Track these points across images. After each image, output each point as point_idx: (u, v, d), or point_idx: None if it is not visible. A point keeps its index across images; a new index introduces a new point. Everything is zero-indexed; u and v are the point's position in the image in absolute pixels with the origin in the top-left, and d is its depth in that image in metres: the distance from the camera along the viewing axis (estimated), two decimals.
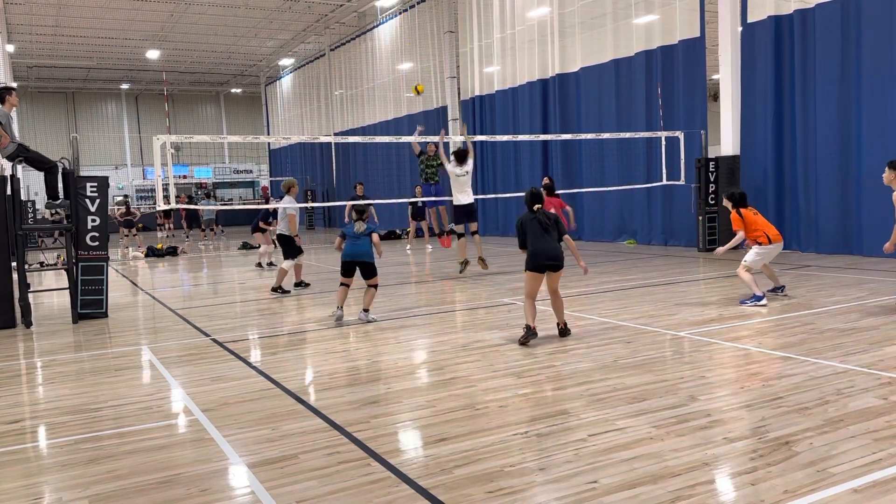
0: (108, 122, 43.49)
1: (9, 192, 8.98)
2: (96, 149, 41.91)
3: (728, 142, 14.90)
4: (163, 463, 4.15)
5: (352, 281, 8.61)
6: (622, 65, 17.23)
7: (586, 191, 16.97)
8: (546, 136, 18.08)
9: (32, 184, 31.27)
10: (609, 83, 17.59)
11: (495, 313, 8.74)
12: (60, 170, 9.56)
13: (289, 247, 11.28)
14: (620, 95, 17.34)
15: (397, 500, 3.53)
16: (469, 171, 12.32)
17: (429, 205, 15.34)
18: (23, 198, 10.61)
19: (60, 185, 9.61)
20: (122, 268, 17.35)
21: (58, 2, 24.53)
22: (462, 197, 12.26)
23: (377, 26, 27.20)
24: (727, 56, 14.61)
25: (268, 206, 17.12)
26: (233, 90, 44.89)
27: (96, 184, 9.59)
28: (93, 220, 9.52)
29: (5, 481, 4.00)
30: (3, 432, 4.88)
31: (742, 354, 6.21)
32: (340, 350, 7.10)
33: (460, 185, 12.25)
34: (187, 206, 19.41)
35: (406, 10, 24.98)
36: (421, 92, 13.96)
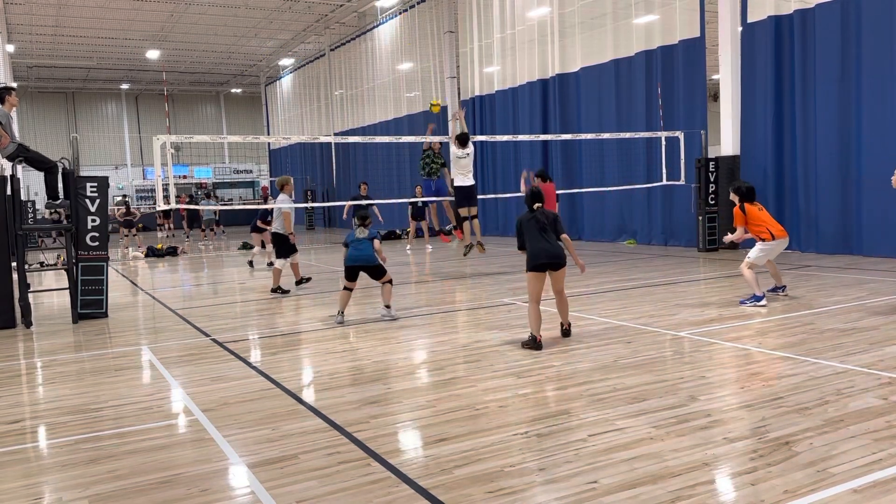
0: (108, 122, 43.50)
1: (9, 192, 8.98)
2: (96, 149, 41.91)
3: (728, 142, 14.91)
4: (163, 463, 4.15)
5: (354, 285, 8.59)
6: (622, 65, 17.23)
7: (586, 191, 16.98)
8: (546, 136, 18.08)
9: (32, 184, 31.27)
10: (609, 83, 17.59)
11: (496, 313, 8.74)
12: (60, 170, 9.56)
13: (282, 246, 11.25)
14: (620, 95, 17.34)
15: (397, 500, 3.53)
16: (470, 153, 12.29)
17: (425, 191, 15.33)
18: (23, 198, 10.61)
19: (60, 185, 9.61)
20: (122, 268, 17.35)
21: (58, 2, 24.53)
22: (463, 179, 12.24)
23: (377, 26, 27.21)
24: (727, 56, 14.61)
25: (266, 206, 17.13)
26: (233, 90, 44.89)
27: (96, 184, 9.59)
28: (93, 220, 9.52)
29: (5, 481, 4.01)
30: (3, 432, 4.88)
31: (742, 354, 6.21)
32: (340, 350, 7.10)
33: (462, 167, 12.23)
34: (187, 206, 19.40)
35: (406, 10, 24.98)
36: (437, 111, 13.75)
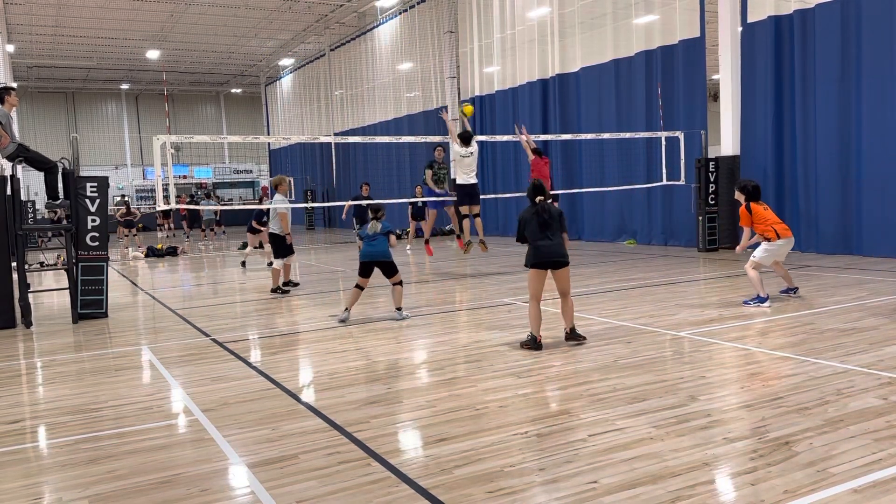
0: (108, 122, 43.51)
1: (9, 192, 8.98)
2: (96, 149, 41.92)
3: (728, 142, 14.90)
4: (163, 463, 4.15)
5: (367, 282, 8.58)
6: (622, 65, 17.23)
7: (586, 191, 16.98)
8: (546, 136, 18.07)
9: (32, 184, 31.28)
10: (609, 83, 17.59)
11: (496, 313, 8.74)
12: (60, 170, 9.56)
13: (280, 246, 11.22)
14: (620, 95, 17.34)
15: (397, 500, 3.53)
16: (474, 152, 12.23)
17: (430, 206, 15.25)
18: (23, 198, 10.61)
19: (60, 185, 9.62)
20: (122, 268, 17.35)
21: (58, 2, 24.53)
22: (465, 177, 12.20)
23: (377, 26, 27.21)
24: (727, 56, 14.61)
25: (261, 206, 17.12)
26: (233, 90, 44.90)
27: (96, 184, 9.59)
28: (93, 221, 9.52)
29: (5, 481, 4.01)
30: (3, 432, 4.88)
31: (742, 354, 6.21)
32: (340, 350, 7.10)
33: (464, 166, 12.18)
34: (187, 205, 19.39)
35: (406, 11, 24.98)
36: (470, 113, 13.31)
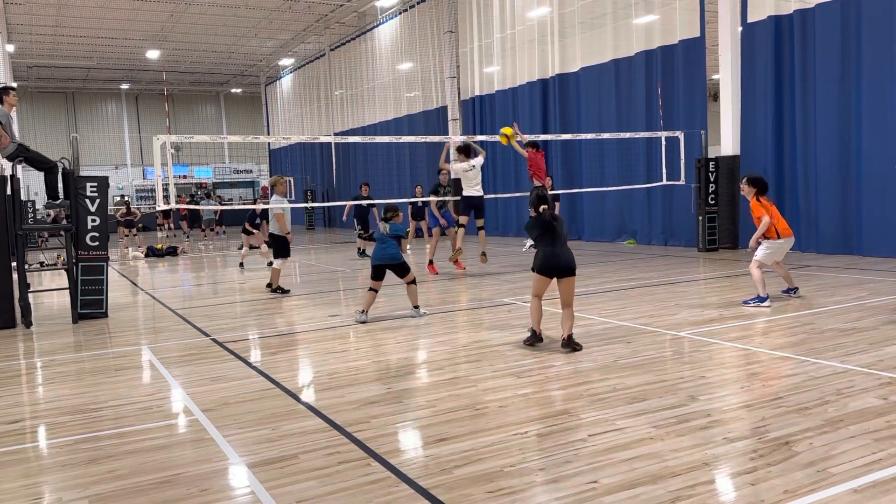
0: (108, 122, 43.51)
1: (9, 192, 8.99)
2: (96, 149, 41.93)
3: (728, 142, 14.91)
4: (163, 463, 4.15)
5: (380, 285, 8.61)
6: (622, 65, 17.23)
7: (586, 191, 16.98)
8: (546, 136, 18.05)
9: (32, 184, 31.29)
10: (609, 83, 17.59)
11: (496, 313, 8.74)
12: (60, 170, 9.56)
13: (280, 246, 11.20)
14: (620, 95, 17.34)
15: (397, 500, 3.53)
16: (476, 165, 12.22)
17: (432, 223, 15.19)
18: (23, 198, 10.61)
19: (60, 185, 9.62)
20: (122, 268, 17.35)
21: (58, 2, 24.54)
22: (471, 189, 12.18)
23: (377, 26, 27.21)
24: (727, 56, 14.61)
25: (254, 207, 17.13)
26: (233, 90, 44.91)
27: (96, 184, 9.58)
28: (93, 220, 9.52)
29: (5, 481, 4.00)
30: (3, 432, 4.88)
31: (742, 354, 6.21)
32: (340, 350, 7.10)
33: (469, 180, 12.17)
34: (187, 205, 19.39)
35: (406, 10, 24.98)
36: (511, 138, 12.38)
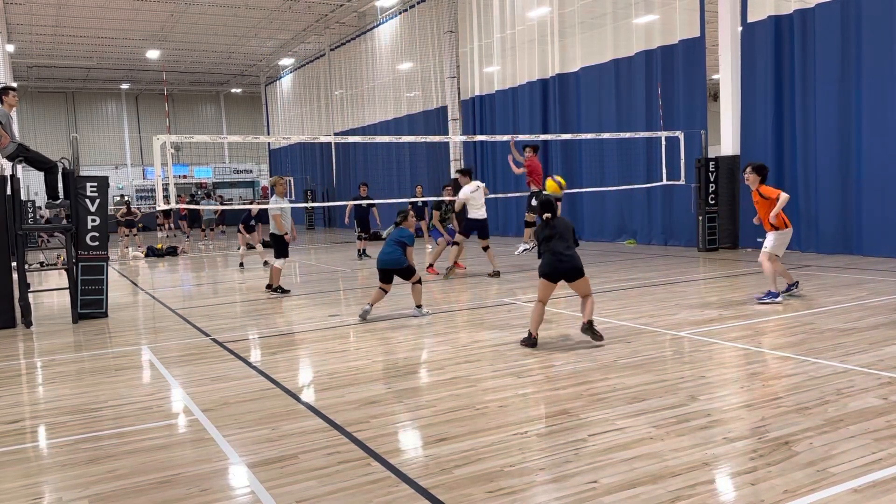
0: (108, 122, 43.52)
1: (9, 192, 8.98)
2: (96, 149, 41.93)
3: (728, 142, 14.91)
4: (163, 463, 4.15)
5: (389, 286, 8.73)
6: (622, 65, 17.23)
7: (586, 191, 16.97)
8: (546, 136, 18.08)
9: (32, 184, 31.30)
10: (609, 83, 17.59)
11: (496, 313, 8.74)
12: (60, 170, 9.56)
13: (280, 246, 11.22)
14: (620, 95, 17.34)
15: (397, 500, 3.53)
16: (480, 185, 12.36)
17: (434, 235, 15.15)
18: (23, 198, 10.61)
19: (60, 185, 9.62)
20: (122, 268, 17.35)
21: (58, 2, 24.54)
22: (476, 212, 12.26)
23: (377, 26, 27.21)
24: (727, 56, 14.61)
25: (249, 208, 17.14)
26: (233, 90, 44.92)
27: (96, 184, 9.58)
28: (93, 220, 9.52)
29: (5, 481, 4.01)
30: (3, 432, 4.88)
31: (742, 354, 6.21)
32: (340, 350, 7.10)
33: (474, 201, 12.26)
34: (187, 205, 19.39)
35: (406, 10, 24.98)
36: (563, 186, 11.27)
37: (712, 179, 14.75)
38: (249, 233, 16.57)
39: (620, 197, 17.19)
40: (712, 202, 14.71)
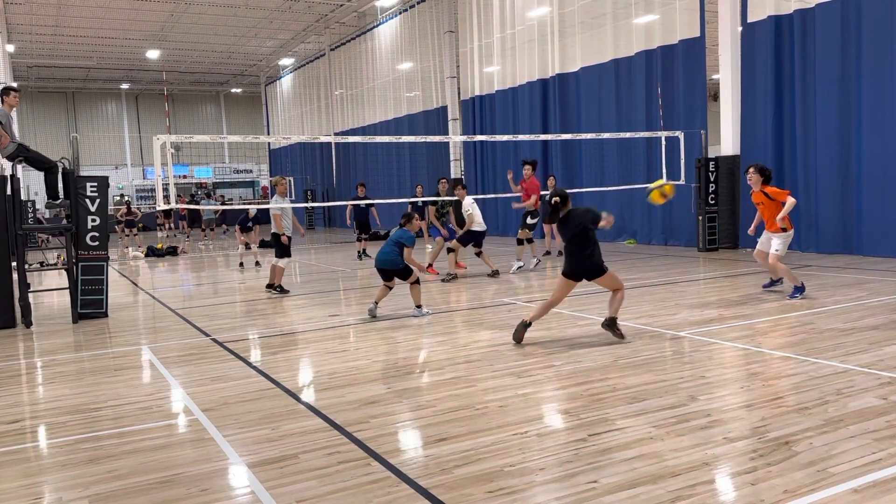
0: (108, 122, 43.52)
1: (9, 192, 8.98)
2: (96, 149, 41.93)
3: (728, 142, 14.91)
4: (163, 463, 4.15)
5: (392, 284, 8.87)
6: (622, 65, 17.23)
7: (586, 191, 16.96)
8: (546, 136, 18.08)
9: (32, 184, 31.29)
10: (609, 83, 17.58)
11: (496, 313, 8.74)
12: (60, 170, 9.56)
13: (281, 245, 11.22)
14: (620, 95, 17.33)
15: (397, 500, 3.53)
16: (474, 202, 12.36)
17: (433, 234, 15.12)
18: (23, 198, 10.61)
19: (60, 184, 9.62)
20: (121, 268, 17.35)
21: (58, 2, 24.54)
22: (477, 226, 12.24)
23: (377, 26, 27.21)
24: (727, 56, 14.61)
25: (247, 209, 17.15)
26: (233, 90, 44.92)
27: (96, 184, 9.59)
28: (93, 220, 9.52)
29: (5, 481, 4.01)
30: (3, 432, 4.88)
31: (742, 354, 6.21)
32: (340, 350, 7.10)
33: (475, 214, 12.24)
34: (187, 205, 19.40)
35: (406, 10, 24.99)
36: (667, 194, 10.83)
37: (712, 179, 14.75)
38: (246, 233, 16.59)
39: (620, 197, 17.18)
40: (712, 202, 14.71)
